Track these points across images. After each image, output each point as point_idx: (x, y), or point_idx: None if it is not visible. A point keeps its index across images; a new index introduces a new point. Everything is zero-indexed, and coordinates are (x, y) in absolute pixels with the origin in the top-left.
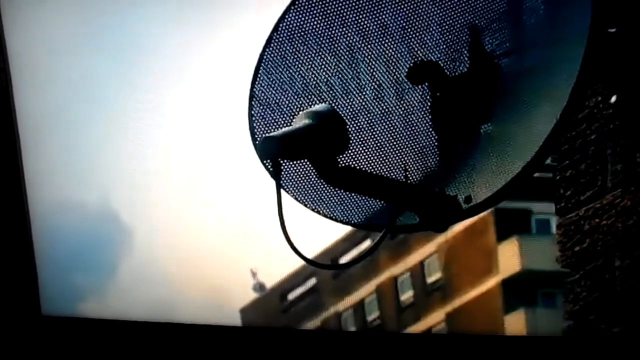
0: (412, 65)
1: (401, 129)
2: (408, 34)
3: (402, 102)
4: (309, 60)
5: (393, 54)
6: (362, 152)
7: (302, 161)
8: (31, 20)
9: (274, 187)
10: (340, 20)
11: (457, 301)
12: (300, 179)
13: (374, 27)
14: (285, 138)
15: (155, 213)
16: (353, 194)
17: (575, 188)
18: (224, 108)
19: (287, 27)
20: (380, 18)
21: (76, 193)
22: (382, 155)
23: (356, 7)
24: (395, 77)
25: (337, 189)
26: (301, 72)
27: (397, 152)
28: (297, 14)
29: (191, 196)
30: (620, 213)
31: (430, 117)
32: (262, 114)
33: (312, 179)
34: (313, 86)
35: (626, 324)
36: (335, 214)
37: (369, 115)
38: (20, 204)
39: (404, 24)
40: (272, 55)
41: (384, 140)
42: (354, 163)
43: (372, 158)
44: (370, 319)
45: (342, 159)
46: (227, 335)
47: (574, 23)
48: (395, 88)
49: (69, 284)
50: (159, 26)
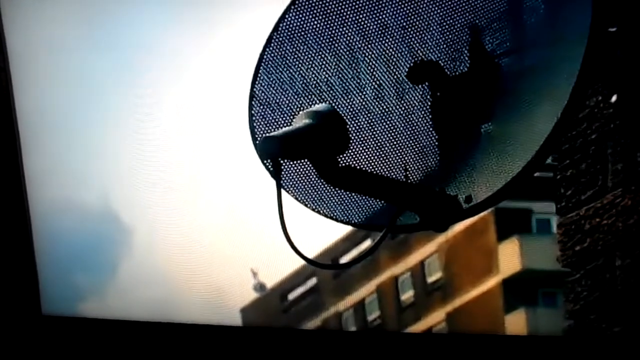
0: (412, 64)
1: (401, 129)
2: (408, 34)
3: (402, 102)
4: (309, 60)
5: (393, 53)
6: (363, 151)
7: (302, 161)
8: (31, 20)
9: (274, 187)
10: (340, 20)
11: (458, 301)
12: (300, 178)
13: (374, 27)
14: (285, 138)
15: (155, 213)
16: (353, 194)
17: (575, 187)
18: (224, 108)
19: (287, 27)
20: (380, 18)
21: (76, 193)
22: (383, 155)
23: (356, 7)
24: (395, 77)
25: (337, 189)
26: (301, 72)
27: (397, 152)
28: (298, 14)
29: (191, 196)
30: (621, 212)
31: (430, 116)
32: (262, 113)
33: (313, 179)
34: (313, 86)
35: (627, 323)
36: (335, 213)
37: (369, 115)
38: (20, 204)
39: (404, 24)
40: (273, 55)
41: (384, 140)
42: (354, 163)
43: (372, 158)
44: (370, 318)
45: (343, 158)
46: (228, 335)
47: (575, 22)
48: (395, 88)
49: (69, 283)
50: (159, 25)
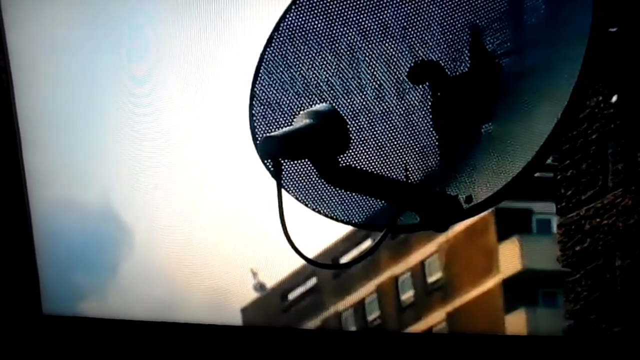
0: (412, 64)
1: (402, 129)
2: (409, 34)
3: (403, 102)
4: (310, 59)
5: (394, 53)
6: (363, 151)
7: (302, 161)
8: (32, 19)
9: (274, 186)
10: (341, 19)
11: (458, 301)
12: (301, 178)
13: (375, 27)
14: (286, 138)
15: (156, 213)
16: (354, 194)
17: (576, 188)
18: (224, 108)
19: (288, 27)
20: (381, 18)
21: (77, 192)
22: (383, 155)
23: (357, 7)
24: (396, 77)
25: (337, 189)
26: (302, 72)
27: (397, 152)
28: (298, 14)
29: (192, 195)
30: (621, 212)
31: (430, 116)
32: (263, 113)
33: (313, 179)
34: (314, 86)
35: (627, 323)
36: (336, 213)
37: (369, 115)
38: (21, 204)
39: (405, 24)
40: (273, 55)
41: (384, 140)
42: (354, 163)
43: (372, 158)
44: (370, 318)
45: (343, 158)
46: (228, 335)
47: (575, 23)
48: (396, 88)
49: (69, 283)
50: (160, 25)
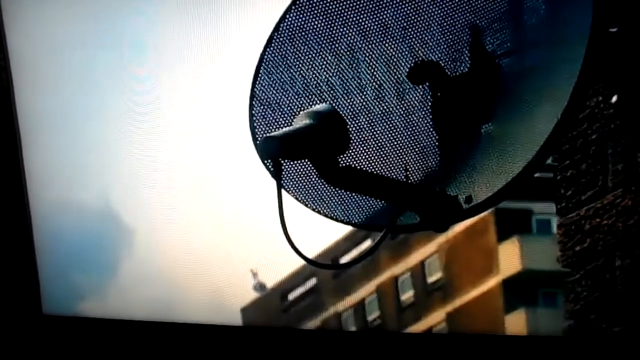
0: (412, 65)
1: (402, 129)
2: (409, 34)
3: (403, 102)
4: (309, 60)
5: (394, 53)
6: (363, 152)
7: (302, 161)
8: (32, 18)
9: (274, 187)
10: (341, 20)
11: (458, 301)
12: (301, 178)
13: (375, 27)
14: (286, 138)
15: (156, 213)
16: (354, 194)
17: (576, 188)
18: (224, 108)
19: (288, 27)
20: (381, 18)
21: (77, 192)
22: (383, 155)
23: (357, 7)
24: (396, 77)
25: (337, 189)
26: (302, 72)
27: (397, 152)
28: (298, 14)
29: (192, 196)
30: (621, 213)
31: (430, 117)
32: (263, 113)
33: (313, 179)
34: (314, 86)
35: (627, 323)
36: (335, 213)
37: (369, 115)
38: (21, 204)
39: (405, 24)
40: (273, 55)
41: (384, 140)
42: (354, 163)
43: (372, 158)
44: (370, 318)
45: (343, 158)
46: (228, 335)
47: (575, 23)
48: (395, 88)
49: (69, 283)
50: (161, 24)
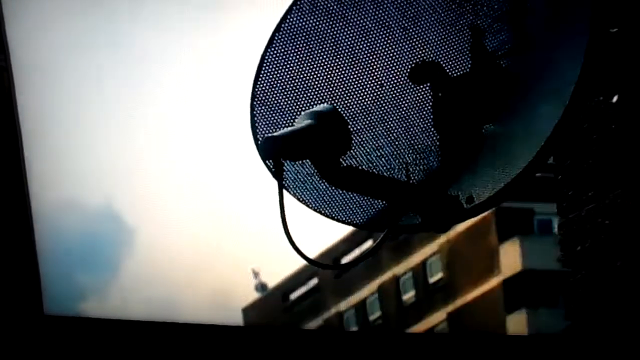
0: (414, 65)
1: (403, 129)
2: (410, 34)
3: (404, 102)
4: (311, 60)
5: (395, 54)
6: (364, 152)
7: (304, 161)
8: (33, 20)
9: (276, 187)
10: (341, 20)
11: (459, 301)
12: (302, 179)
13: (376, 27)
14: (287, 138)
15: (157, 213)
16: (355, 194)
17: (577, 188)
18: (226, 108)
19: (289, 28)
20: (382, 18)
21: (78, 193)
22: (384, 155)
23: (358, 7)
24: (397, 77)
25: (339, 189)
26: (303, 73)
27: (398, 152)
28: (299, 15)
29: (193, 196)
30: (622, 213)
31: (432, 117)
32: (264, 114)
33: (314, 179)
34: (315, 86)
35: (627, 323)
36: (337, 214)
37: (370, 116)
38: (22, 205)
39: (406, 24)
40: (274, 56)
41: (385, 140)
42: (355, 163)
43: (373, 158)
44: (372, 318)
45: (344, 159)
46: (229, 335)
47: (576, 23)
48: (397, 88)
49: (71, 283)
50: (162, 26)
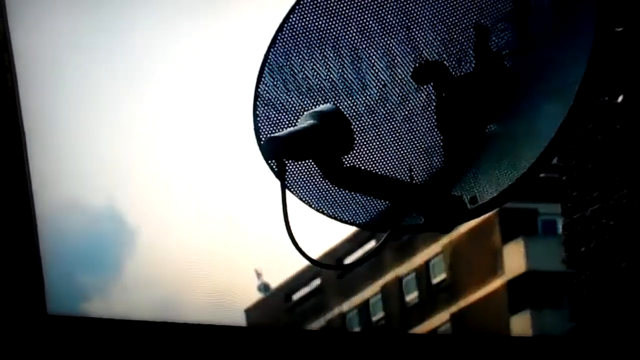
0: (417, 65)
1: (406, 129)
2: (413, 34)
3: (407, 102)
4: (313, 60)
5: (398, 53)
6: (367, 152)
7: (306, 161)
8: (37, 20)
9: (279, 187)
10: (344, 20)
11: (463, 302)
12: (305, 179)
13: (379, 27)
14: (289, 138)
15: (160, 213)
16: (358, 195)
17: (581, 188)
18: (229, 108)
19: (291, 28)
20: (385, 18)
21: (81, 193)
22: (387, 156)
23: (361, 7)
24: (400, 77)
25: (342, 189)
26: (306, 72)
27: (402, 153)
28: (302, 14)
29: (196, 196)
30: (627, 213)
31: (435, 117)
32: (267, 114)
33: (317, 179)
34: (317, 86)
35: (632, 325)
36: (340, 214)
37: (373, 116)
38: (26, 205)
39: (409, 24)
40: (277, 56)
41: (388, 140)
42: (358, 163)
43: (376, 158)
44: (375, 319)
45: (347, 159)
46: (232, 335)
47: (581, 23)
48: (400, 88)
49: (74, 283)
50: (165, 26)
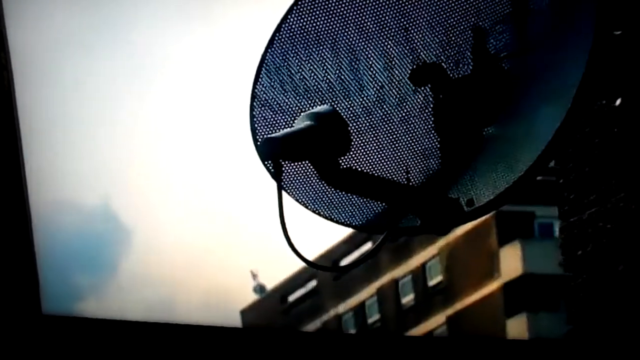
0: (414, 67)
1: (403, 131)
2: (411, 36)
3: (404, 104)
4: (310, 61)
5: (395, 55)
6: (364, 153)
7: (303, 162)
8: (34, 18)
9: (275, 188)
10: (342, 21)
11: (459, 304)
12: (301, 180)
13: (376, 29)
14: (286, 139)
15: (155, 213)
16: (354, 196)
17: (578, 191)
18: (225, 109)
19: (289, 28)
20: (382, 19)
21: (77, 193)
22: (384, 157)
23: (358, 8)
24: (397, 79)
25: (338, 191)
26: (303, 73)
27: (399, 154)
28: (299, 15)
29: (191, 196)
30: (624, 217)
31: (432, 119)
32: (264, 114)
33: (314, 181)
34: (315, 87)
35: (629, 328)
36: (336, 215)
37: (370, 117)
38: (21, 204)
39: (407, 25)
40: (274, 56)
41: (385, 142)
42: (355, 165)
43: (373, 160)
44: (370, 321)
45: (344, 160)
46: (227, 336)
47: (579, 26)
48: (397, 90)
49: (69, 283)
50: (162, 26)
